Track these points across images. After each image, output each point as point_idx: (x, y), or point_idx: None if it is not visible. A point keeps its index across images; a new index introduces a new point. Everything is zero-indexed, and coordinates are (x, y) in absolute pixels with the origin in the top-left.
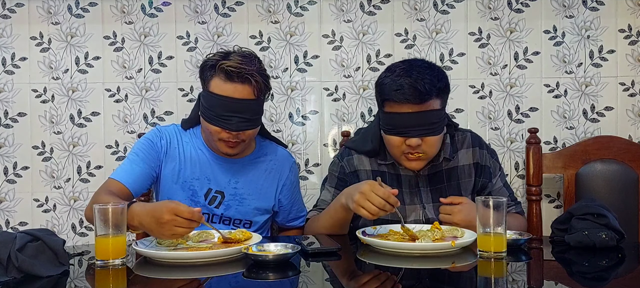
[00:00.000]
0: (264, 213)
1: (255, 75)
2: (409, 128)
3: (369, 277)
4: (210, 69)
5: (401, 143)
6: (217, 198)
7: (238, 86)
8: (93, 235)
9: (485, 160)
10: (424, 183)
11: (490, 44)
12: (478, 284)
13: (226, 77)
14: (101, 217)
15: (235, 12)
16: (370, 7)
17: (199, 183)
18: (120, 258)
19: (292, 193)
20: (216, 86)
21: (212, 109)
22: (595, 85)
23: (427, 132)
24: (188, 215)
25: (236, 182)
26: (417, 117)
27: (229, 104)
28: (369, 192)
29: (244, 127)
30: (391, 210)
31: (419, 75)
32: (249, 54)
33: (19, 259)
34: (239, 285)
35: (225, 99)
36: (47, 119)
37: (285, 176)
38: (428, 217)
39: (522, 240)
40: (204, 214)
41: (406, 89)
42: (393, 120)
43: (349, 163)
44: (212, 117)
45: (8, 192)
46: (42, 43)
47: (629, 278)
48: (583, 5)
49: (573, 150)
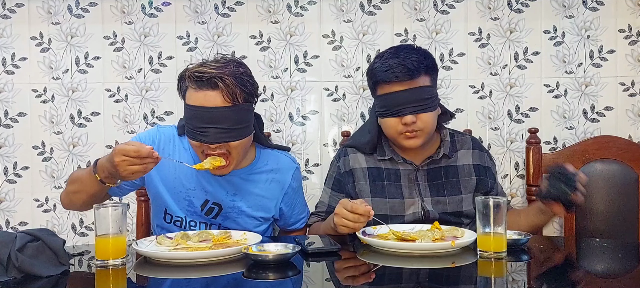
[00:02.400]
0: (264, 223)
1: (226, 79)
2: (401, 106)
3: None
4: (183, 79)
5: (397, 123)
6: (214, 209)
7: (208, 93)
8: (93, 235)
9: (486, 161)
10: (422, 178)
11: (490, 44)
12: (478, 284)
13: (196, 85)
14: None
15: (235, 12)
16: (370, 7)
17: (195, 194)
18: (120, 258)
19: (293, 200)
20: (189, 97)
21: (189, 121)
22: (595, 85)
23: (420, 109)
24: (134, 153)
25: (234, 195)
26: (408, 94)
27: (202, 114)
28: (340, 211)
29: (223, 139)
30: (367, 218)
31: (407, 54)
32: (227, 60)
33: (19, 259)
34: (239, 285)
35: (198, 108)
36: (47, 119)
37: (287, 184)
38: (426, 209)
39: (522, 240)
40: (201, 224)
41: (395, 68)
42: (386, 101)
43: (345, 163)
44: (189, 131)
45: (8, 192)
46: (42, 43)
47: (629, 278)
48: (583, 5)
49: (573, 150)
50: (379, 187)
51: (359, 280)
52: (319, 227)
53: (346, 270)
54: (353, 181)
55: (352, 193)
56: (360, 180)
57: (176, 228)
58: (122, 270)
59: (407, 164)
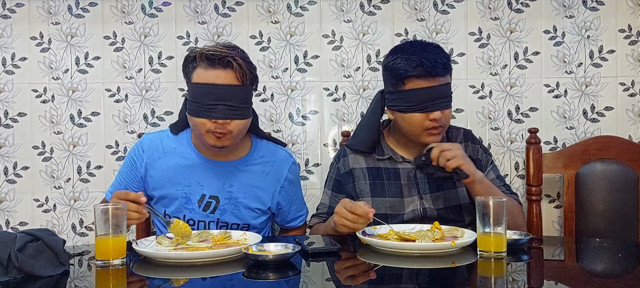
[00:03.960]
0: (261, 215)
1: (238, 60)
2: (431, 102)
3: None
4: (192, 60)
5: (423, 119)
6: (211, 203)
7: (220, 72)
8: (93, 235)
9: (477, 154)
10: (421, 175)
11: (490, 44)
12: (478, 284)
13: (208, 64)
14: (101, 217)
15: (235, 12)
16: (370, 7)
17: (191, 190)
18: (120, 258)
19: (290, 194)
20: (198, 76)
21: (197, 100)
22: (595, 85)
23: (445, 105)
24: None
25: (230, 186)
26: (439, 90)
27: (213, 91)
28: (340, 210)
29: (231, 116)
30: (366, 220)
31: (433, 50)
32: (233, 45)
33: (19, 259)
34: (239, 285)
35: (209, 86)
36: (47, 119)
37: (284, 177)
38: (425, 207)
39: (522, 240)
40: (200, 222)
41: (427, 64)
42: (416, 96)
43: (344, 163)
44: (196, 109)
45: (8, 192)
46: (42, 43)
47: (629, 278)
48: (583, 5)
49: (573, 150)
50: (379, 187)
51: (359, 280)
52: (319, 229)
53: (346, 270)
54: (353, 181)
55: (353, 194)
56: (360, 180)
57: None
58: (122, 270)
59: (405, 163)
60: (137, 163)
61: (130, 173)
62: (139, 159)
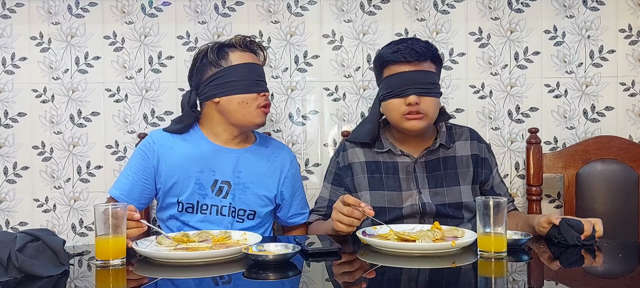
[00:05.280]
0: (268, 203)
1: (261, 45)
2: (406, 87)
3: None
4: (228, 46)
5: (400, 104)
6: (224, 188)
7: (253, 55)
8: (93, 235)
9: (484, 153)
10: (420, 169)
11: (490, 44)
12: (478, 284)
13: (244, 47)
14: (101, 217)
15: (235, 12)
16: (370, 7)
17: (203, 176)
18: (120, 258)
19: (294, 186)
20: (239, 58)
21: (244, 78)
22: (595, 85)
23: (424, 91)
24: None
25: (239, 171)
26: (414, 75)
27: (256, 68)
28: (337, 205)
29: (266, 89)
30: (361, 216)
31: (415, 40)
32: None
33: (19, 259)
34: (239, 285)
35: (252, 65)
36: (47, 119)
37: (287, 168)
38: (423, 201)
39: (522, 240)
40: (213, 207)
41: (403, 50)
42: (391, 82)
43: (344, 157)
44: (247, 86)
45: (8, 192)
46: (42, 43)
47: (629, 278)
48: (583, 5)
49: (573, 150)
50: (377, 180)
51: (359, 281)
52: (319, 227)
53: (346, 270)
54: (352, 175)
55: (351, 188)
56: (358, 174)
57: (188, 215)
58: (122, 270)
59: (404, 157)
60: (150, 156)
61: (141, 167)
62: (150, 152)
